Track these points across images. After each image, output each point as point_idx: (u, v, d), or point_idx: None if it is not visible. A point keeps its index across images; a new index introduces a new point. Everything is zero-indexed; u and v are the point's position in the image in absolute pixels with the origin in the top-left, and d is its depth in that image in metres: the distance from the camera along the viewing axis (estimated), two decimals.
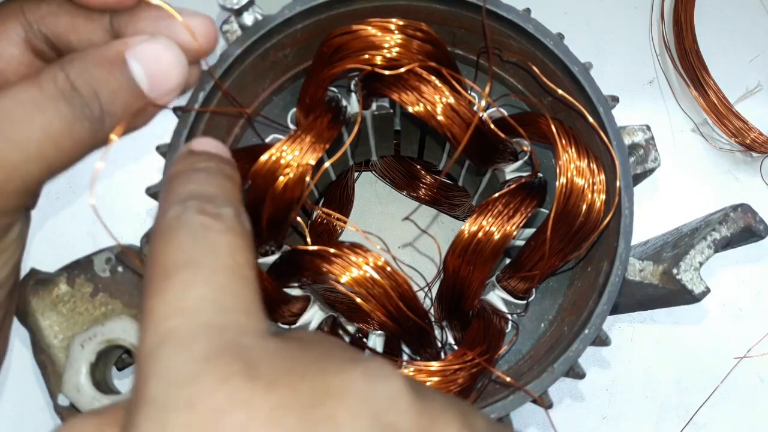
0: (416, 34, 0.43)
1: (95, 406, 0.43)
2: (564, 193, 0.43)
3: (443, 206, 0.70)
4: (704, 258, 0.43)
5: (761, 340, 0.71)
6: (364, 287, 0.41)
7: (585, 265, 0.47)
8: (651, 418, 0.70)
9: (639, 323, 0.72)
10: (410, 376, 0.34)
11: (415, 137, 0.62)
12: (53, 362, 0.45)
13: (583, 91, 0.44)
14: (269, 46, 0.45)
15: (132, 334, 0.44)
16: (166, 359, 0.24)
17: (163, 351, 0.24)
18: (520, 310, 0.48)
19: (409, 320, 0.43)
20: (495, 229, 0.43)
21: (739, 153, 0.76)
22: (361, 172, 0.72)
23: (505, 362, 0.47)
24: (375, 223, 0.71)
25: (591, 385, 0.70)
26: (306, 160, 0.42)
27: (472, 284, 0.45)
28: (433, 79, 0.43)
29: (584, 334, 0.41)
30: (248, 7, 0.43)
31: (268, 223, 0.43)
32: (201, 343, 0.24)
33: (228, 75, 0.44)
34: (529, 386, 0.40)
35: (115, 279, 0.46)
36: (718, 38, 0.79)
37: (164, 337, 0.24)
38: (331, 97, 0.47)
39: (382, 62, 0.42)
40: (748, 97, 0.77)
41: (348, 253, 0.41)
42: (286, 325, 0.47)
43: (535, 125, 0.45)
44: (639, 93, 0.78)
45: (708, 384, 0.70)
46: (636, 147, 0.45)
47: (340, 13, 0.46)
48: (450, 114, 0.43)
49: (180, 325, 0.24)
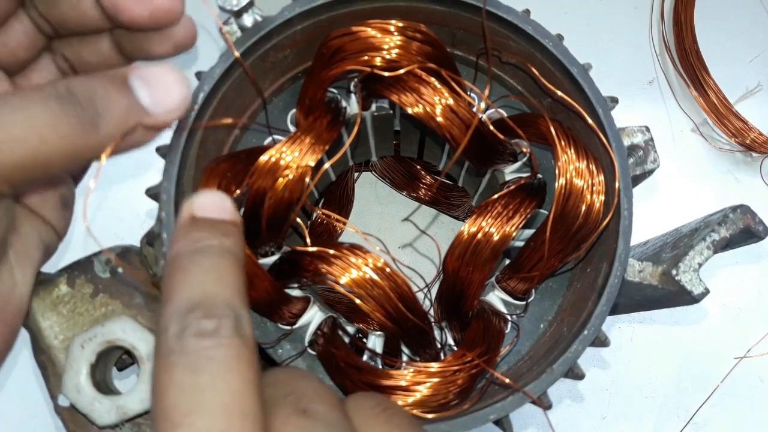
0: (415, 35, 0.43)
1: (95, 406, 0.43)
2: (563, 194, 0.43)
3: (443, 206, 0.70)
4: (703, 259, 0.43)
5: (761, 340, 0.71)
6: (364, 288, 0.41)
7: (584, 266, 0.47)
8: (651, 418, 0.70)
9: (639, 323, 0.72)
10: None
11: (415, 138, 0.62)
12: (53, 363, 0.45)
13: (583, 93, 0.44)
14: (269, 47, 0.46)
15: (132, 335, 0.44)
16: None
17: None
18: (520, 310, 0.48)
19: (409, 321, 0.43)
20: (494, 230, 0.43)
21: (739, 153, 0.76)
22: (361, 173, 0.72)
23: (504, 363, 0.48)
24: (375, 224, 0.71)
25: (591, 385, 0.70)
26: (305, 162, 0.42)
27: (471, 285, 0.45)
28: (432, 80, 0.43)
29: (583, 335, 0.41)
30: (248, 8, 0.43)
31: (268, 224, 0.43)
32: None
33: (228, 76, 0.44)
34: (528, 387, 0.40)
35: (116, 280, 0.46)
36: (718, 38, 0.79)
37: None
38: (330, 98, 0.47)
39: (381, 63, 0.42)
40: (748, 97, 0.77)
41: (347, 254, 0.41)
42: (287, 326, 0.48)
43: (534, 126, 0.45)
44: (639, 93, 0.78)
45: (708, 384, 0.70)
46: (635, 148, 0.45)
47: (340, 14, 0.46)
48: (449, 115, 0.43)
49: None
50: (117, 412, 0.42)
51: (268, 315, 0.47)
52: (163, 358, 0.30)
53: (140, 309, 0.46)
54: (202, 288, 0.32)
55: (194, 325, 0.30)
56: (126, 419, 0.43)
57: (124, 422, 0.43)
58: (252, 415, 0.29)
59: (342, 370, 0.44)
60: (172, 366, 0.29)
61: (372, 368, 0.45)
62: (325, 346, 0.46)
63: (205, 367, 0.29)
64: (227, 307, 0.31)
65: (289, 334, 0.48)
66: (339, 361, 0.45)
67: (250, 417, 0.29)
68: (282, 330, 0.48)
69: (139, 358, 0.44)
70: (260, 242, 0.46)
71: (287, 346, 0.48)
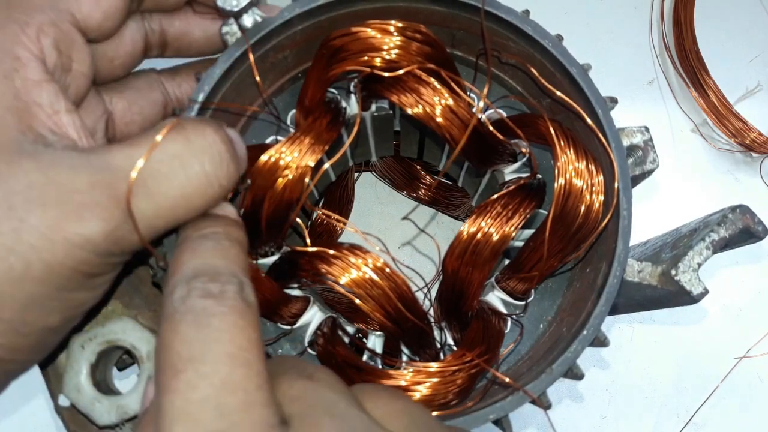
0: (415, 35, 0.43)
1: (96, 406, 0.43)
2: (562, 194, 0.43)
3: (443, 207, 0.70)
4: (703, 259, 0.43)
5: (761, 340, 0.71)
6: (363, 288, 0.41)
7: (584, 266, 0.47)
8: (651, 418, 0.70)
9: (639, 323, 0.72)
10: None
11: (415, 138, 0.62)
12: (54, 363, 0.45)
13: (582, 93, 0.44)
14: (269, 47, 0.46)
15: (132, 335, 0.44)
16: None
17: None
18: (519, 310, 0.49)
19: (408, 321, 0.43)
20: (494, 230, 0.43)
21: (739, 153, 0.76)
22: (361, 173, 0.72)
23: (504, 363, 0.48)
24: (375, 224, 0.71)
25: (591, 385, 0.70)
26: (305, 162, 0.42)
27: (471, 285, 0.45)
28: (432, 80, 0.43)
29: (582, 335, 0.41)
30: (247, 9, 0.43)
31: (267, 224, 0.43)
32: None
33: (228, 76, 0.44)
34: (528, 387, 0.40)
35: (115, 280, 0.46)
36: (718, 38, 0.79)
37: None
38: (330, 98, 0.47)
39: (381, 64, 0.42)
40: (748, 97, 0.77)
41: (347, 255, 0.41)
42: (287, 326, 0.48)
43: (533, 126, 0.45)
44: (639, 93, 0.78)
45: (708, 384, 0.70)
46: (634, 148, 0.45)
47: (340, 14, 0.46)
48: (449, 116, 0.43)
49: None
50: (117, 412, 0.43)
51: (268, 315, 0.47)
52: (167, 318, 0.29)
53: (140, 309, 0.46)
54: (208, 260, 0.32)
55: (200, 287, 0.30)
56: (126, 419, 0.43)
57: (125, 422, 0.43)
58: (257, 368, 0.29)
59: (342, 370, 0.44)
60: (177, 323, 0.29)
61: (372, 368, 0.45)
62: (324, 346, 0.46)
63: (210, 322, 0.29)
64: (231, 275, 0.31)
65: (289, 334, 0.48)
66: (339, 361, 0.45)
67: (255, 369, 0.29)
68: (281, 329, 0.48)
69: (140, 358, 0.44)
70: (260, 242, 0.46)
71: (287, 345, 0.48)
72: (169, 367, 0.28)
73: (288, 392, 0.30)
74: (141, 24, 0.45)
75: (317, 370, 0.33)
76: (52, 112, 0.35)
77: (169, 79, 0.50)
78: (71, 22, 0.38)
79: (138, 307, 0.46)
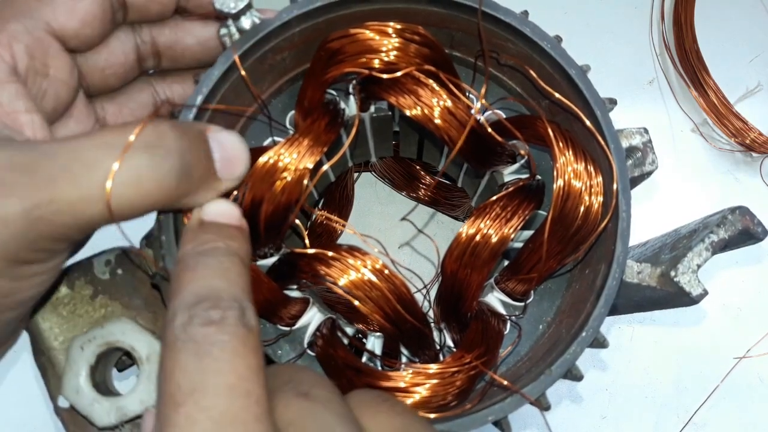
0: (413, 37, 0.43)
1: (95, 407, 0.43)
2: (561, 195, 0.43)
3: (443, 207, 0.70)
4: (702, 260, 0.43)
5: (761, 341, 0.71)
6: (362, 290, 0.41)
7: (583, 267, 0.47)
8: (650, 418, 0.70)
9: (639, 324, 0.72)
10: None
11: (414, 139, 0.62)
12: (53, 364, 0.45)
13: (581, 95, 0.44)
14: (267, 49, 0.46)
15: (131, 336, 0.44)
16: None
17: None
18: (519, 312, 0.48)
19: (407, 323, 0.43)
20: (493, 231, 0.43)
21: (739, 153, 0.76)
22: (361, 173, 0.72)
23: (503, 364, 0.47)
24: (375, 224, 0.71)
25: (591, 385, 0.70)
26: (304, 163, 0.42)
27: (470, 287, 0.45)
28: (430, 82, 0.43)
29: (582, 337, 0.41)
30: (245, 11, 0.43)
31: (266, 226, 0.43)
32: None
33: (226, 78, 0.44)
34: (527, 388, 0.41)
35: (115, 281, 0.46)
36: (718, 38, 0.79)
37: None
38: (329, 99, 0.47)
39: (379, 66, 0.42)
40: (748, 97, 0.77)
41: (346, 256, 0.41)
42: (286, 327, 0.48)
43: (532, 128, 0.45)
44: (639, 93, 0.78)
45: (707, 384, 0.70)
46: (633, 150, 0.45)
47: (338, 16, 0.46)
48: (447, 117, 0.43)
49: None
50: (117, 413, 0.43)
51: (267, 316, 0.47)
52: (169, 346, 0.30)
53: (140, 310, 0.46)
54: (209, 283, 0.33)
55: (201, 315, 0.31)
56: (126, 420, 0.43)
57: (124, 423, 0.43)
58: (256, 396, 0.29)
59: (341, 372, 0.44)
60: (178, 351, 0.30)
61: (371, 369, 0.45)
62: (324, 348, 0.46)
63: (210, 352, 0.29)
64: (233, 299, 0.32)
65: (288, 335, 0.48)
66: (338, 362, 0.45)
67: (254, 398, 0.29)
68: (281, 331, 0.48)
69: (139, 360, 0.44)
70: (259, 244, 0.46)
71: (286, 347, 0.48)
72: (170, 398, 0.29)
73: (284, 415, 0.31)
74: (131, 35, 0.47)
75: (314, 386, 0.33)
76: (11, 110, 0.38)
77: (160, 81, 0.50)
78: (47, 30, 0.41)
79: (137, 308, 0.46)
